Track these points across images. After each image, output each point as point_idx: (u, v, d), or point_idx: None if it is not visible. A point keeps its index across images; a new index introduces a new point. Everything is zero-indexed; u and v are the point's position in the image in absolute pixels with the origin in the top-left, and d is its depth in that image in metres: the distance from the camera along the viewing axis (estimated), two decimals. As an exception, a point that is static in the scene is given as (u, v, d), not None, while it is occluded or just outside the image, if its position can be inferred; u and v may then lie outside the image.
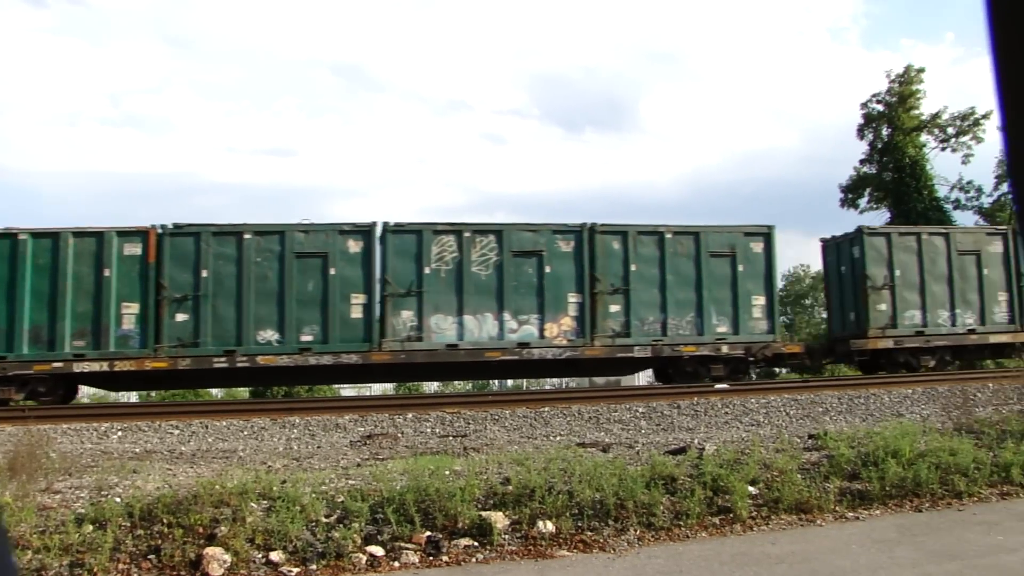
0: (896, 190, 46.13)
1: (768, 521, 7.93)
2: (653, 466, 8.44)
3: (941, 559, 6.57)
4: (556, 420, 13.43)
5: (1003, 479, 9.29)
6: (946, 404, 14.14)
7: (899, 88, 47.85)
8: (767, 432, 11.88)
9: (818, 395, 15.09)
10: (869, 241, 20.90)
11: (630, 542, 7.21)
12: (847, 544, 7.10)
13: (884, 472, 8.79)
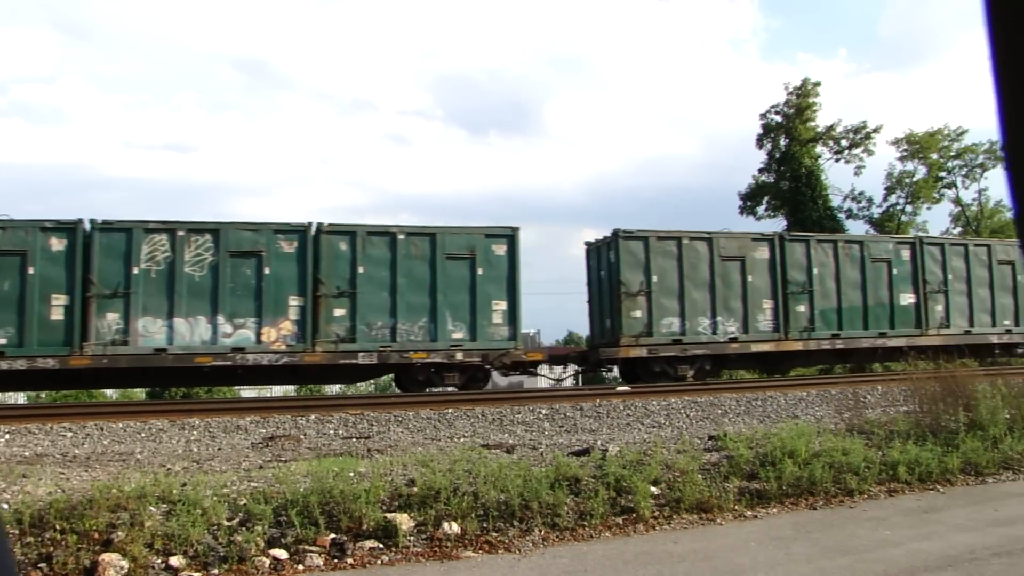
0: (793, 199, 47.49)
1: (670, 520, 8.05)
2: (557, 467, 8.49)
3: (834, 554, 6.77)
4: (460, 422, 13.42)
5: (891, 477, 9.65)
6: (839, 406, 14.60)
7: (796, 100, 49.32)
8: (668, 433, 12.08)
9: (717, 397, 15.41)
10: (625, 245, 20.10)
11: (535, 542, 7.23)
12: (746, 542, 7.26)
13: (781, 472, 9.03)
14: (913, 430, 11.07)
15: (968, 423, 11.02)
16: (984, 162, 53.87)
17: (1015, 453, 10.67)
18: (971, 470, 10.20)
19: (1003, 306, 24.99)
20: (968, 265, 24.54)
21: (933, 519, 8.04)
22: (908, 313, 23.47)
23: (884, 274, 23.19)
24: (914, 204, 53.09)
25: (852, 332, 22.43)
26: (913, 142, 52.10)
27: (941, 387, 12.08)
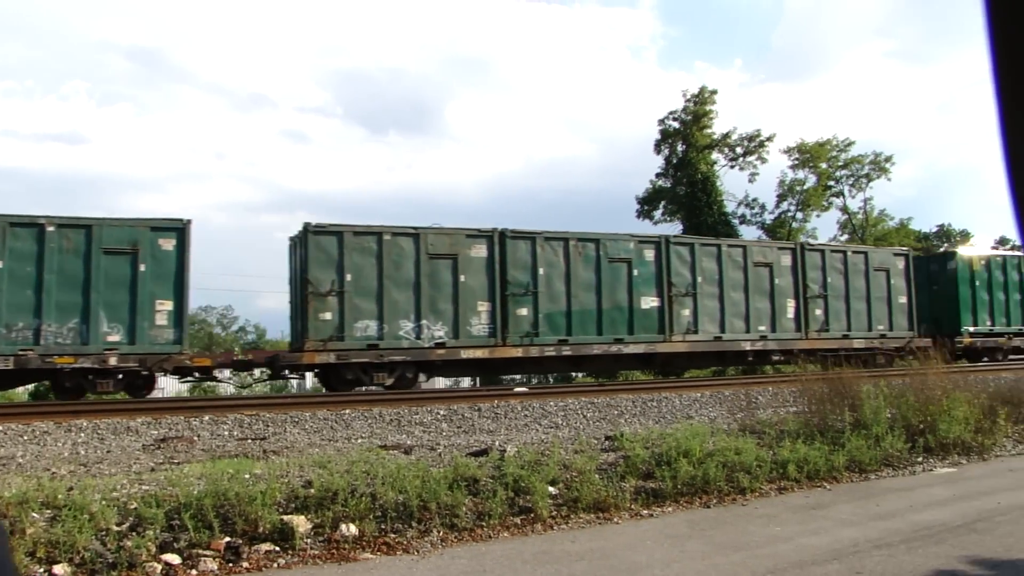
0: (689, 204, 48.51)
1: (568, 520, 8.12)
2: (456, 468, 8.49)
3: (727, 550, 6.93)
4: (357, 422, 13.30)
5: (781, 475, 9.93)
6: (731, 406, 14.96)
7: (694, 107, 50.42)
8: (566, 434, 12.18)
9: (614, 398, 15.62)
10: (315, 240, 18.67)
11: (434, 543, 7.22)
12: (643, 540, 7.38)
13: (676, 471, 9.19)
14: (802, 430, 11.42)
15: (853, 423, 11.43)
16: (869, 172, 56.03)
17: (895, 451, 11.11)
18: (855, 467, 10.58)
19: (759, 311, 24.20)
20: (721, 267, 23.64)
21: (820, 515, 8.31)
22: (650, 318, 22.21)
23: (623, 276, 21.91)
24: (804, 211, 54.81)
25: (584, 338, 21.05)
26: (804, 151, 53.87)
27: (829, 388, 12.50)
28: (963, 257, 29.80)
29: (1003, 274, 30.22)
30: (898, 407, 12.29)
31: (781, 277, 24.76)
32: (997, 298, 29.85)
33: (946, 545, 6.94)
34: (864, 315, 26.20)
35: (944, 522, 7.83)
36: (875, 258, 27.04)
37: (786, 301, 24.76)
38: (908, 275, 27.60)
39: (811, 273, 25.33)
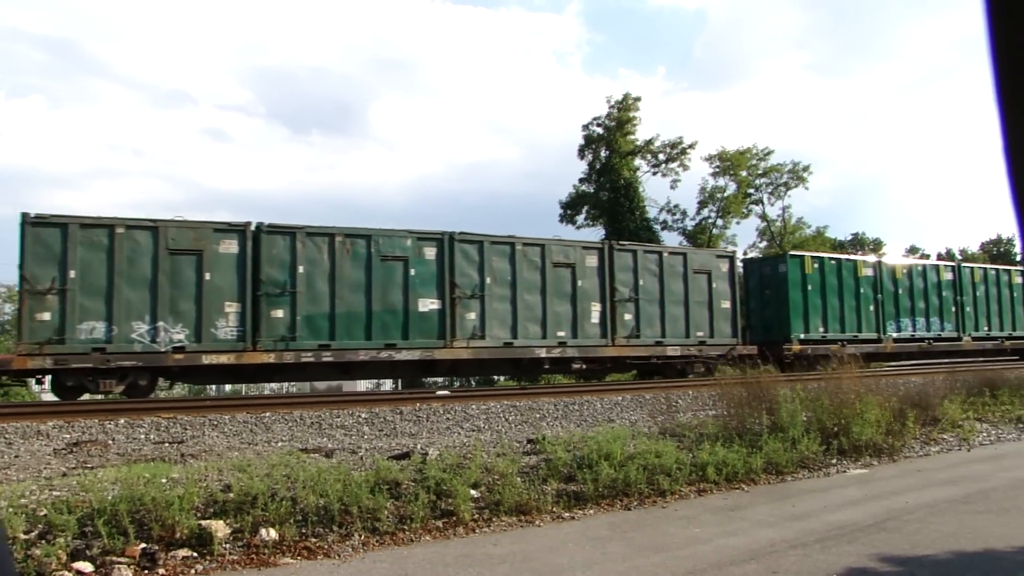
0: (611, 209, 49.01)
1: (490, 523, 8.13)
2: (378, 471, 8.44)
3: (648, 552, 7.00)
4: (278, 425, 13.12)
5: (700, 478, 10.07)
6: (652, 410, 15.12)
7: (618, 114, 50.97)
8: (488, 437, 12.19)
9: (536, 402, 15.67)
10: (34, 233, 16.96)
11: (355, 547, 7.16)
12: (564, 543, 7.42)
13: (597, 474, 9.27)
14: (721, 433, 11.61)
15: (771, 426, 11.66)
16: (788, 181, 57.40)
17: (811, 453, 11.36)
18: (772, 469, 10.79)
19: (558, 315, 22.50)
20: (514, 267, 21.83)
21: (738, 516, 8.44)
22: (429, 322, 20.54)
23: (398, 275, 20.30)
24: (724, 218, 55.86)
25: (350, 343, 19.36)
26: (725, 159, 54.96)
27: (747, 392, 12.71)
28: (795, 259, 28.63)
29: (838, 278, 29.10)
30: (814, 410, 12.57)
31: (585, 279, 23.10)
32: (831, 303, 28.75)
33: (858, 544, 7.11)
34: (681, 320, 24.79)
35: (856, 521, 8.03)
36: (695, 260, 25.73)
37: (590, 305, 23.12)
38: (732, 278, 26.37)
39: (621, 275, 23.79)
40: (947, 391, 16.28)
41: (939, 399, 15.14)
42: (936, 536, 7.36)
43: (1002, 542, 7.11)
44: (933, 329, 31.59)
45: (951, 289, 32.42)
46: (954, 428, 14.39)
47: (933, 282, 32.05)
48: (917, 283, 31.51)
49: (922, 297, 31.55)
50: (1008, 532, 7.49)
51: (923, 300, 31.53)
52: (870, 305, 29.79)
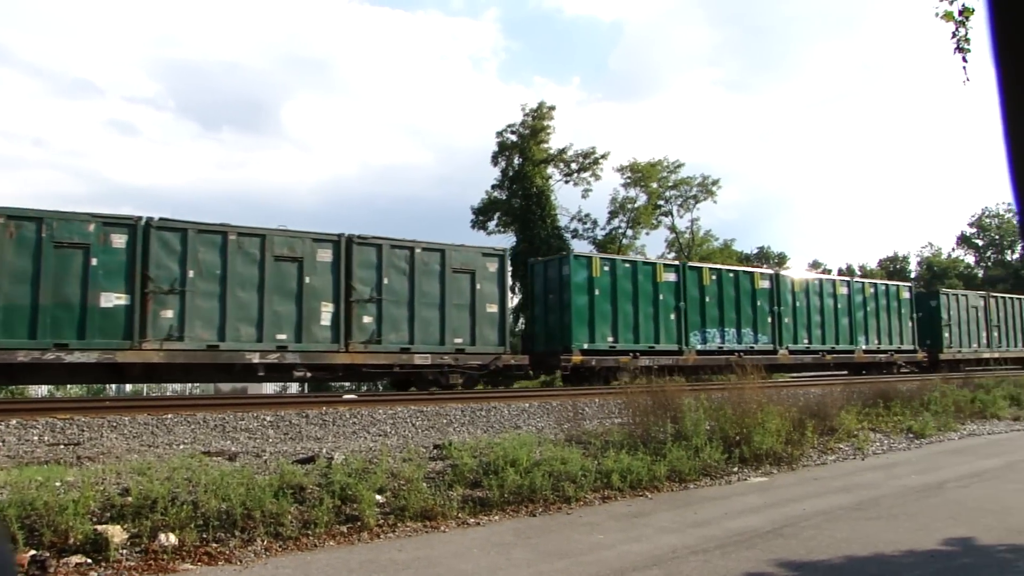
0: (523, 216, 49.23)
1: (395, 529, 8.09)
2: (282, 475, 8.33)
3: (552, 558, 7.05)
4: (180, 428, 12.83)
5: (605, 484, 10.18)
6: (559, 417, 15.23)
7: (532, 122, 51.24)
8: (394, 442, 12.13)
9: (443, 407, 15.64)
10: None
11: (257, 553, 7.04)
12: (469, 549, 7.42)
13: (503, 480, 9.30)
14: (626, 440, 11.76)
15: (675, 434, 11.86)
16: (697, 194, 58.57)
17: (713, 461, 11.58)
18: (676, 477, 10.96)
19: (279, 316, 20.00)
20: (225, 260, 19.29)
21: (641, 523, 8.56)
22: (113, 319, 17.87)
23: (76, 265, 17.52)
24: (634, 229, 56.63)
25: (6, 342, 16.56)
26: (636, 171, 55.75)
27: (653, 400, 12.90)
28: (581, 261, 25.73)
29: (632, 283, 26.35)
30: (717, 420, 12.82)
31: (316, 275, 20.44)
32: (624, 310, 25.89)
33: (757, 549, 7.28)
34: (435, 325, 21.90)
35: (756, 528, 8.22)
36: (455, 257, 22.60)
37: (320, 305, 20.46)
38: (502, 280, 23.48)
39: (361, 272, 21.13)
40: (844, 402, 16.79)
41: (836, 410, 15.60)
42: (831, 542, 7.58)
43: (891, 547, 7.37)
44: (745, 341, 29.38)
45: (768, 298, 30.47)
46: (850, 438, 14.83)
47: (747, 290, 29.87)
48: (728, 291, 29.23)
49: (734, 306, 29.24)
50: (897, 537, 7.76)
51: (735, 310, 29.24)
52: (671, 313, 27.19)
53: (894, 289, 37.03)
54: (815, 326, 32.20)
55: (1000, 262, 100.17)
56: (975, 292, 43.94)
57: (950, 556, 7.09)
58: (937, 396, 19.39)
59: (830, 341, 32.64)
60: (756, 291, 30.01)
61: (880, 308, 35.39)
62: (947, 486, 10.86)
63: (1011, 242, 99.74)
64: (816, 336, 32.12)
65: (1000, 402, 21.05)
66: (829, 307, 32.99)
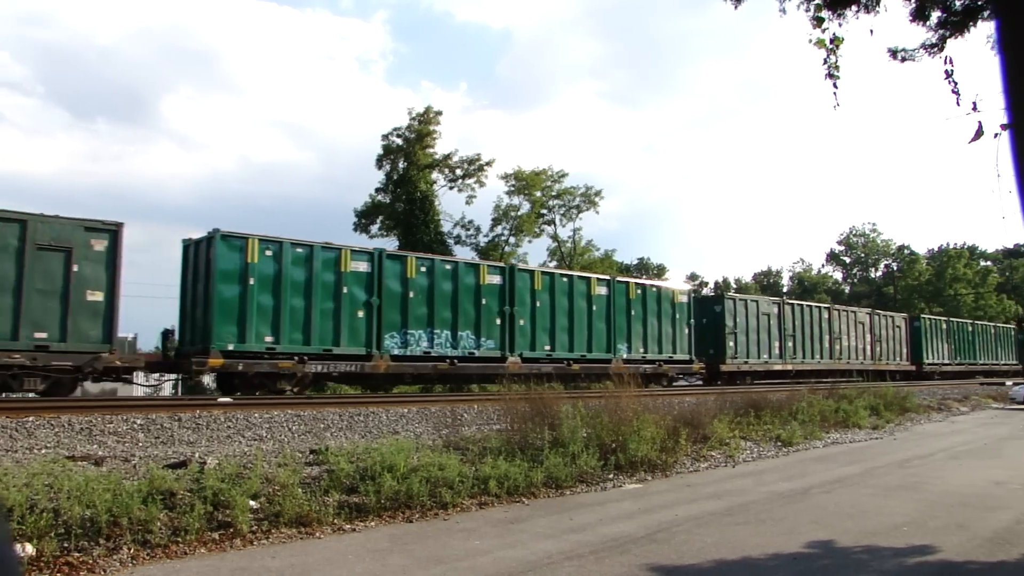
0: (406, 221, 49.09)
1: (269, 535, 7.94)
2: (151, 480, 8.08)
3: (428, 564, 7.03)
4: (42, 431, 12.29)
5: (482, 491, 10.22)
6: (438, 423, 15.20)
7: (418, 126, 51.15)
8: (270, 447, 11.91)
9: (320, 412, 15.41)
10: None
11: (123, 561, 6.81)
12: (344, 555, 7.34)
13: (380, 486, 9.24)
14: (504, 447, 11.82)
15: (552, 441, 11.98)
16: (580, 204, 59.44)
17: (589, 468, 11.75)
18: (553, 483, 11.08)
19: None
20: None
21: (518, 529, 8.62)
22: None
23: None
24: (517, 236, 57.04)
25: None
26: (520, 179, 56.24)
27: (531, 407, 13.00)
28: (233, 243, 20.23)
29: (307, 272, 21.34)
30: (593, 427, 13.00)
31: None
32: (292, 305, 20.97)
33: (630, 555, 7.41)
34: (7, 315, 16.99)
35: (630, 534, 8.36)
36: (43, 232, 17.58)
37: None
38: (112, 261, 18.44)
39: None
40: (717, 411, 17.25)
41: (709, 418, 16.02)
42: (701, 546, 7.78)
43: (758, 550, 7.61)
44: (464, 345, 24.18)
45: (497, 296, 25.26)
46: (722, 446, 15.24)
47: (470, 286, 24.65)
48: (443, 286, 23.95)
49: (449, 304, 23.97)
50: (764, 541, 8.01)
51: (450, 308, 23.98)
52: (359, 311, 22.02)
53: (668, 292, 31.57)
54: (561, 331, 26.90)
55: (865, 279, 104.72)
56: (768, 298, 39.01)
57: (812, 558, 7.36)
58: (804, 406, 20.11)
59: (581, 348, 27.42)
60: (482, 287, 24.82)
61: (650, 312, 30.12)
62: (811, 492, 11.26)
63: (875, 260, 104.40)
64: (562, 342, 26.86)
65: (861, 412, 22.00)
66: (582, 309, 27.61)
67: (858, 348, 42.92)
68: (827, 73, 6.95)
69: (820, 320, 40.16)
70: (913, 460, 14.89)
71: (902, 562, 7.23)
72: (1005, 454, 16.03)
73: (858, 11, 7.33)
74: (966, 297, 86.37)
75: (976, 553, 7.48)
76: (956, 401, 31.71)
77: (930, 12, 7.53)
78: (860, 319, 43.58)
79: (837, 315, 41.78)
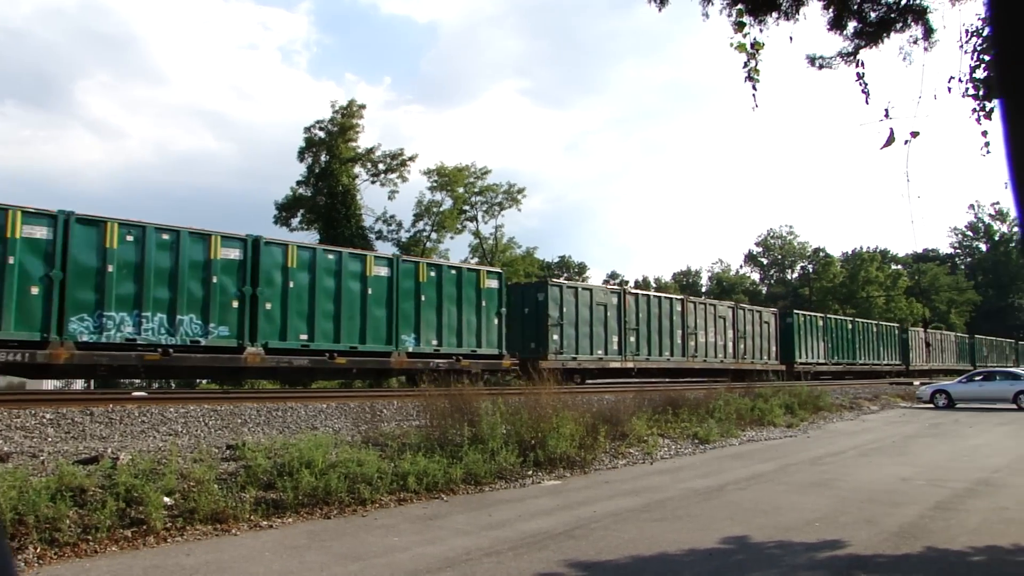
0: (328, 215, 48.68)
1: (183, 532, 7.82)
2: (61, 476, 7.89)
3: (346, 561, 7.00)
4: (-56, 426, 11.90)
5: (401, 487, 10.20)
6: (357, 419, 15.11)
7: (341, 119, 50.72)
8: (186, 442, 11.72)
9: (238, 407, 15.19)
10: None
11: (29, 561, 6.63)
12: (261, 552, 7.26)
13: (298, 482, 9.17)
14: (424, 443, 11.81)
15: (472, 437, 12.00)
16: (502, 201, 59.59)
17: (509, 464, 11.80)
18: (472, 480, 11.10)
19: None
20: None
21: (436, 525, 8.62)
22: None
23: None
24: (439, 232, 56.96)
25: None
26: (443, 175, 56.16)
27: (451, 404, 13.00)
28: None
29: None
30: (513, 424, 13.05)
31: None
32: None
33: (548, 551, 7.47)
34: None
35: (548, 530, 8.43)
36: None
37: None
38: None
39: None
40: (636, 408, 17.46)
41: (628, 416, 16.21)
42: (618, 542, 7.88)
43: (674, 546, 7.73)
44: (186, 332, 19.50)
45: (236, 275, 20.58)
46: (640, 443, 15.43)
47: (196, 262, 19.88)
48: (159, 261, 19.20)
49: (166, 282, 19.16)
50: (680, 537, 8.15)
51: (168, 286, 19.19)
52: (31, 287, 17.31)
53: (472, 275, 26.39)
54: (324, 317, 22.15)
55: (782, 280, 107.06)
56: (607, 287, 34.36)
57: (727, 554, 7.51)
58: (721, 404, 20.46)
59: (351, 339, 22.66)
60: (214, 263, 20.11)
61: (447, 299, 25.08)
62: (727, 488, 11.48)
63: (792, 262, 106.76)
64: (325, 331, 22.08)
65: (777, 410, 22.45)
66: (354, 292, 22.79)
67: (718, 345, 37.98)
68: (747, 76, 7.09)
69: (672, 313, 35.13)
70: (825, 457, 15.28)
71: (813, 556, 7.42)
72: (911, 451, 16.54)
73: (778, 18, 7.49)
74: (877, 299, 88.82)
75: (883, 547, 7.71)
76: (867, 400, 32.58)
77: (847, 22, 7.74)
78: (721, 313, 38.80)
79: (692, 308, 36.79)
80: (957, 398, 33.17)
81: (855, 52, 7.80)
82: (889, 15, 7.69)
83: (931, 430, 22.02)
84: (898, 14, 7.63)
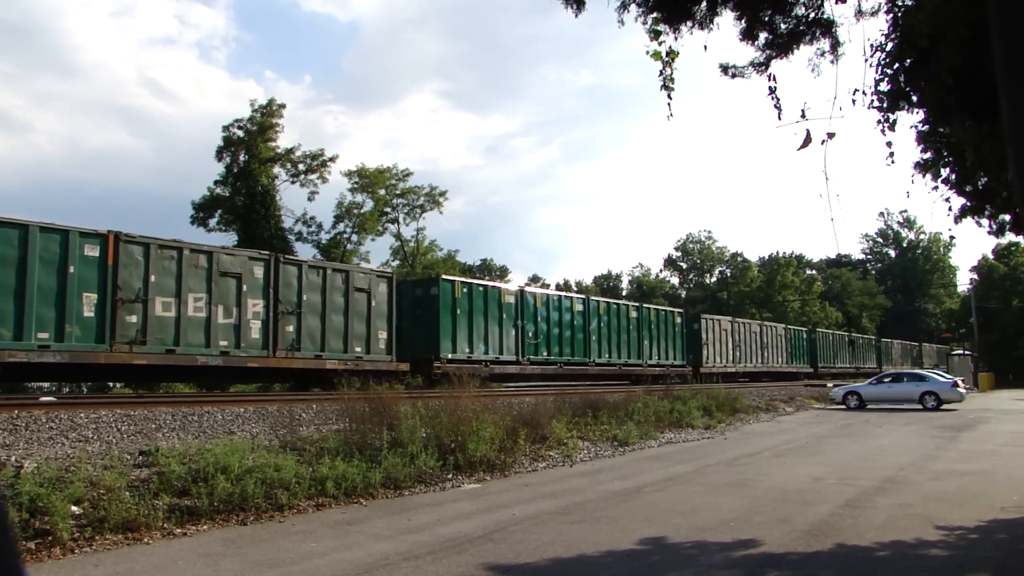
0: (247, 215, 47.99)
1: (92, 542, 7.60)
2: (-40, 486, 7.62)
3: (262, 568, 6.89)
4: None
5: (319, 492, 10.09)
6: (275, 423, 14.86)
7: (260, 118, 50.02)
8: (97, 448, 11.39)
9: (152, 411, 14.84)
10: None
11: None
12: (174, 561, 7.10)
13: (213, 488, 9.00)
14: (343, 447, 11.69)
15: (391, 441, 11.93)
16: (424, 204, 59.42)
17: (428, 468, 11.76)
18: (391, 484, 11.03)
19: None
20: None
21: (355, 530, 8.54)
22: None
23: None
24: (360, 234, 56.53)
25: None
26: (364, 176, 55.77)
27: (370, 407, 12.90)
28: None
29: None
30: (433, 427, 13.01)
31: None
32: None
33: (467, 555, 7.45)
34: None
35: (467, 534, 8.41)
36: None
37: None
38: None
39: None
40: (556, 411, 17.53)
41: (548, 419, 16.27)
42: (537, 545, 7.89)
43: (592, 548, 7.78)
44: None
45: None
46: (560, 445, 15.51)
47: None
48: None
49: None
50: (598, 539, 8.20)
51: None
52: None
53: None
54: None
55: (701, 284, 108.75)
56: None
57: (644, 555, 7.59)
58: (640, 407, 20.66)
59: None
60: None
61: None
62: (645, 490, 11.60)
63: (710, 266, 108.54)
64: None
65: (695, 413, 22.79)
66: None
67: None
68: (663, 85, 7.19)
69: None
70: (742, 458, 15.53)
71: (728, 555, 7.53)
72: (823, 451, 16.91)
73: (692, 27, 7.60)
74: (793, 303, 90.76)
75: (795, 545, 7.87)
76: (783, 402, 33.25)
77: (758, 33, 7.89)
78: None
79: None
80: (868, 399, 34.13)
81: (767, 62, 7.96)
82: (798, 27, 7.87)
83: (843, 431, 22.57)
84: (807, 27, 7.82)
